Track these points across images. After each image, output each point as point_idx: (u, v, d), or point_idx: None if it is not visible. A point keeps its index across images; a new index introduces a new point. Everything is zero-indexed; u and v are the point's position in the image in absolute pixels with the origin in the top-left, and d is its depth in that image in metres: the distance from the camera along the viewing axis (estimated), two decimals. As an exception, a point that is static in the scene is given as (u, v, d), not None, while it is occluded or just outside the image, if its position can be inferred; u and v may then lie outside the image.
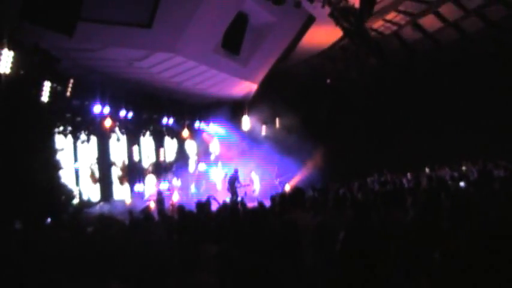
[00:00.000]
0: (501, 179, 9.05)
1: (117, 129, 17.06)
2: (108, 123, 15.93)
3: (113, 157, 17.00)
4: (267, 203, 8.94)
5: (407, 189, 10.35)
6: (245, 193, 15.81)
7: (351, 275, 2.80)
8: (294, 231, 4.50)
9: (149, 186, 18.01)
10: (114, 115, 16.27)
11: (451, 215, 4.49)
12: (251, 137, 21.30)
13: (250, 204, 10.81)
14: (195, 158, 21.86)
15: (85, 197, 15.09)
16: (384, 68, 19.18)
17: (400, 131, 20.02)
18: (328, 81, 21.87)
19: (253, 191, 19.37)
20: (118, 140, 17.22)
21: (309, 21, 16.02)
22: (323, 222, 4.42)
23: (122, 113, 16.57)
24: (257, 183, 19.97)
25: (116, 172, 16.95)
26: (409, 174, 14.83)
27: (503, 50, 17.67)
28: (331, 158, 19.70)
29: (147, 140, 19.13)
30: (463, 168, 15.92)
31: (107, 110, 15.64)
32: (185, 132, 20.12)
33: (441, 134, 18.79)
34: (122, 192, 16.93)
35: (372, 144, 20.17)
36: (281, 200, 7.70)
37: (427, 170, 17.06)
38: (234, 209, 8.51)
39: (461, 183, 10.33)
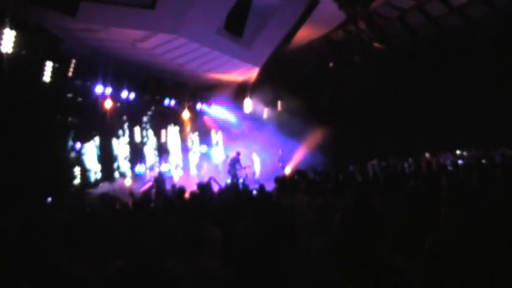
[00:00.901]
0: (501, 165, 9.10)
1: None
2: (108, 104, 16.00)
3: (115, 138, 17.01)
4: (269, 186, 8.99)
5: (408, 174, 10.47)
6: (246, 175, 15.87)
7: (346, 257, 2.82)
8: (290, 214, 4.55)
9: (150, 167, 18.07)
10: (115, 96, 16.32)
11: (450, 200, 4.54)
12: (253, 120, 21.44)
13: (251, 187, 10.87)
14: (197, 139, 21.94)
15: (87, 177, 15.14)
16: (387, 53, 19.10)
17: (403, 116, 19.95)
18: (331, 65, 21.84)
19: (254, 173, 19.46)
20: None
21: (313, 4, 15.92)
22: (322, 204, 4.44)
23: (124, 94, 16.60)
24: (257, 165, 20.02)
25: (117, 153, 16.95)
26: (410, 159, 14.89)
27: (509, 36, 17.56)
28: (333, 142, 19.74)
29: (148, 121, 19.14)
30: (464, 153, 16.00)
31: (108, 90, 15.66)
32: (187, 114, 20.19)
33: (444, 120, 18.77)
34: (123, 173, 16.98)
35: (374, 129, 20.15)
36: (282, 182, 7.77)
37: (427, 155, 17.16)
38: (236, 191, 8.61)
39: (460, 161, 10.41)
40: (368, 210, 4.41)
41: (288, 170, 18.09)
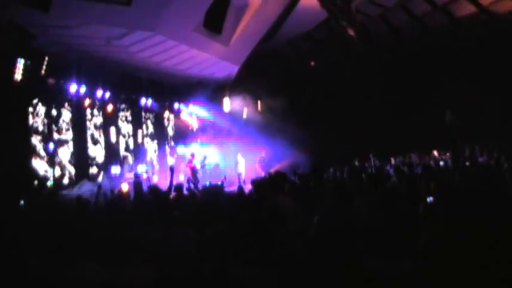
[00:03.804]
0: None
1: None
2: (87, 103, 16.09)
3: (90, 138, 16.95)
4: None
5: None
6: (225, 177, 15.84)
7: (325, 258, 2.97)
8: (273, 217, 4.58)
9: (126, 169, 18.01)
10: (90, 95, 16.28)
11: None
12: (233, 120, 21.45)
13: (231, 189, 10.90)
14: (174, 139, 21.96)
15: (60, 179, 15.05)
16: (369, 51, 19.31)
17: (386, 115, 20.18)
18: (313, 63, 21.99)
19: (240, 174, 19.45)
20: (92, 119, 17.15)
21: (294, 0, 16.04)
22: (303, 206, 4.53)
23: (99, 93, 16.56)
24: (242, 166, 20.07)
25: (92, 154, 16.89)
26: (392, 159, 15.17)
27: (493, 35, 17.90)
28: (315, 143, 19.74)
29: (124, 121, 19.09)
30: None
31: (83, 89, 15.62)
32: (165, 113, 20.07)
33: (428, 119, 18.96)
34: (98, 175, 16.93)
35: (357, 129, 20.31)
36: (261, 184, 7.74)
37: (413, 156, 17.53)
38: (214, 193, 8.61)
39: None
40: (347, 211, 4.51)
41: (267, 172, 18.12)
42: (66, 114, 15.77)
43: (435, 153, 17.62)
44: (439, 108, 15.88)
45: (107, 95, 16.95)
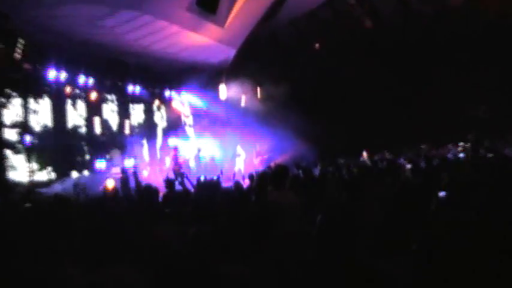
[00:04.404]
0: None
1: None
2: (67, 91, 15.96)
3: (71, 130, 16.74)
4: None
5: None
6: (221, 171, 15.70)
7: (327, 259, 3.08)
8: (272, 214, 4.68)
9: (112, 163, 17.83)
10: (72, 82, 16.11)
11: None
12: (230, 109, 21.37)
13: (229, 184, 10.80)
14: (165, 131, 21.80)
15: (39, 176, 14.90)
16: (379, 32, 19.12)
17: (397, 103, 20.04)
18: (317, 46, 21.80)
19: (239, 169, 19.32)
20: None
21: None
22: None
23: (81, 79, 16.40)
24: (242, 159, 20.01)
25: (74, 147, 16.73)
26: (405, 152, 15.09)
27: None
28: (320, 133, 19.67)
29: (110, 111, 18.92)
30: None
31: (63, 76, 15.46)
32: (155, 102, 20.00)
33: (442, 110, 18.84)
34: (80, 170, 16.70)
35: (365, 119, 20.17)
36: (261, 179, 7.66)
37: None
38: (210, 189, 8.48)
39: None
40: (349, 209, 4.50)
41: (267, 165, 17.99)
42: (45, 104, 15.55)
43: (451, 145, 17.50)
44: (453, 98, 15.85)
45: (90, 81, 16.83)
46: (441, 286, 3.04)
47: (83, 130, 17.26)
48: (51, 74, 15.14)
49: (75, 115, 16.98)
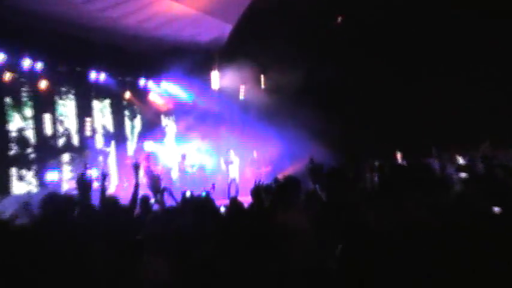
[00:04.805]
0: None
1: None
2: (7, 77, 15.63)
3: (14, 132, 16.49)
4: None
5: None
6: (212, 186, 15.53)
7: None
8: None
9: (68, 174, 17.53)
10: (13, 66, 15.87)
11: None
12: (224, 102, 21.71)
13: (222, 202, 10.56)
14: (139, 132, 21.77)
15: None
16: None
17: (438, 95, 19.73)
18: (339, 21, 21.50)
19: (233, 180, 19.18)
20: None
21: None
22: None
23: (26, 62, 16.18)
24: (235, 168, 20.08)
25: (17, 153, 16.44)
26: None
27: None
28: (341, 134, 19.70)
29: (65, 105, 18.68)
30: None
31: (1, 57, 15.27)
32: (126, 94, 20.04)
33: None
34: (26, 183, 16.52)
35: (400, 115, 19.94)
36: (265, 194, 7.60)
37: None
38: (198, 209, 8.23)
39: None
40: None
41: (273, 176, 17.85)
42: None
43: None
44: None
45: (39, 66, 16.60)
46: None
47: (29, 132, 16.96)
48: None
49: (18, 110, 16.72)
